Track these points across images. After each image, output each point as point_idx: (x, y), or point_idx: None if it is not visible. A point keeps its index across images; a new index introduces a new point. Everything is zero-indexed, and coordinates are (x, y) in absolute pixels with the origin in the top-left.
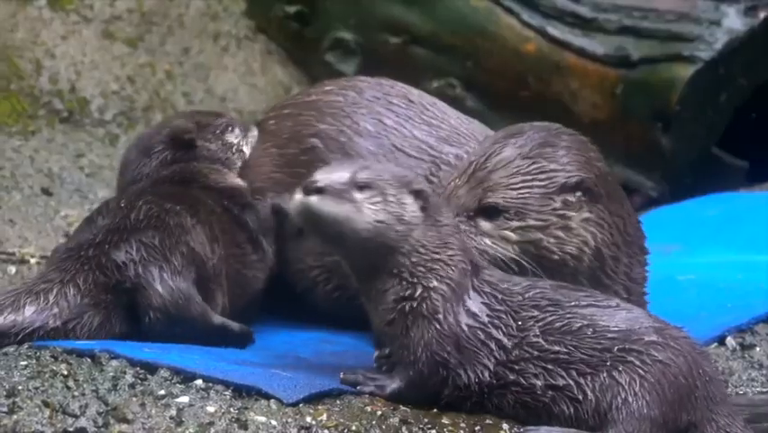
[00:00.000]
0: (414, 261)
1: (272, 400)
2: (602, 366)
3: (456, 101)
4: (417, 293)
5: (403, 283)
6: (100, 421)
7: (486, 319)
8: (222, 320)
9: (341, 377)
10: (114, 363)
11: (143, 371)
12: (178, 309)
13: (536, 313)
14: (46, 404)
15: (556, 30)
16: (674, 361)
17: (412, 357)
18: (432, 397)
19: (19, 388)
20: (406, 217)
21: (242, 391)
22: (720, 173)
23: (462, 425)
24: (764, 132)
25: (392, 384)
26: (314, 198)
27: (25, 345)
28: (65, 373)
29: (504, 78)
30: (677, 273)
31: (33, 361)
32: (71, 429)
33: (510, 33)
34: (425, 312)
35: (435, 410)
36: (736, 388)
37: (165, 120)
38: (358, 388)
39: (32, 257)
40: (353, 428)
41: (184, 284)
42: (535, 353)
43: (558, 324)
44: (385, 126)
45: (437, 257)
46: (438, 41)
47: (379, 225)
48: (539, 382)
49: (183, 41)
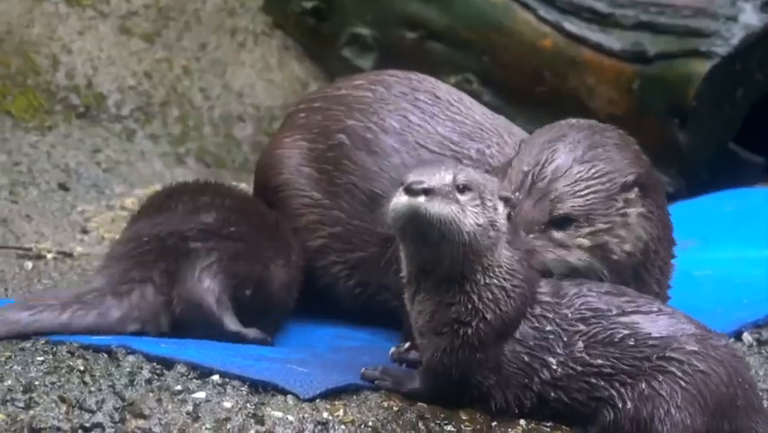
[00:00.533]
0: (486, 282)
1: (289, 395)
2: (642, 375)
3: (473, 96)
4: (474, 322)
5: (468, 306)
6: (117, 417)
7: (533, 343)
8: (237, 328)
9: (361, 373)
10: (131, 358)
11: (160, 366)
12: (196, 310)
13: (582, 327)
14: (63, 399)
15: (573, 25)
16: (715, 371)
17: (446, 375)
18: (449, 402)
19: (36, 383)
20: (498, 224)
21: (259, 387)
22: (737, 169)
23: (480, 420)
24: None
25: (412, 384)
26: (422, 199)
27: (42, 340)
28: (81, 369)
29: (520, 74)
30: (693, 269)
31: (50, 356)
32: (88, 425)
33: (527, 29)
34: (474, 342)
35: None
36: None
37: None
38: (376, 383)
39: (49, 252)
40: (370, 424)
41: (216, 288)
42: (579, 369)
43: (602, 336)
44: (410, 123)
45: (504, 285)
46: (455, 36)
47: (478, 228)
48: (581, 397)
49: (200, 36)
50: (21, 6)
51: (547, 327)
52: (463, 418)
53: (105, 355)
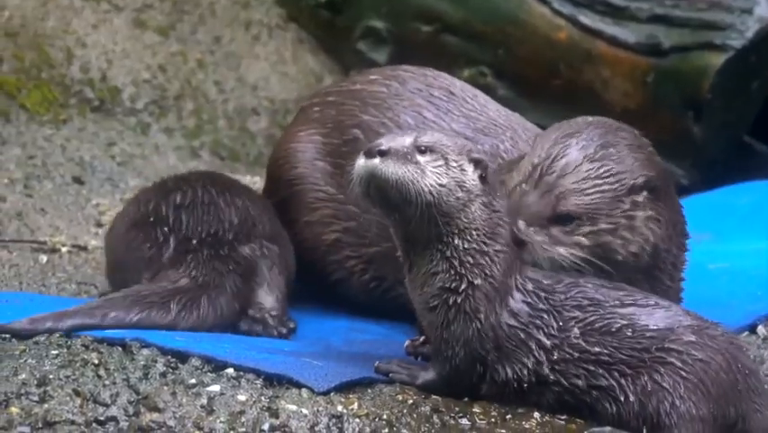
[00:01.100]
0: (465, 246)
1: (303, 388)
2: (642, 367)
3: (487, 89)
4: (462, 288)
5: (451, 271)
6: (131, 410)
7: (527, 319)
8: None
9: (375, 367)
10: (145, 351)
11: (174, 359)
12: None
13: (577, 314)
14: (77, 393)
15: (587, 18)
16: (713, 359)
17: (450, 352)
18: (465, 393)
19: (50, 377)
20: (467, 185)
21: (273, 380)
22: (751, 161)
23: (494, 414)
24: None
25: (426, 375)
26: (377, 161)
27: (56, 334)
28: (96, 362)
29: (535, 67)
30: (708, 262)
31: (64, 350)
32: (102, 418)
33: (542, 22)
34: (467, 309)
35: (467, 399)
36: (767, 376)
37: None
38: (390, 376)
39: (64, 246)
40: (384, 417)
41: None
42: (576, 354)
43: (598, 324)
44: (424, 119)
45: (485, 249)
46: (470, 29)
47: (441, 188)
48: (581, 383)
49: (214, 29)
50: (35, 0)
51: (540, 306)
52: (477, 411)
53: (120, 349)
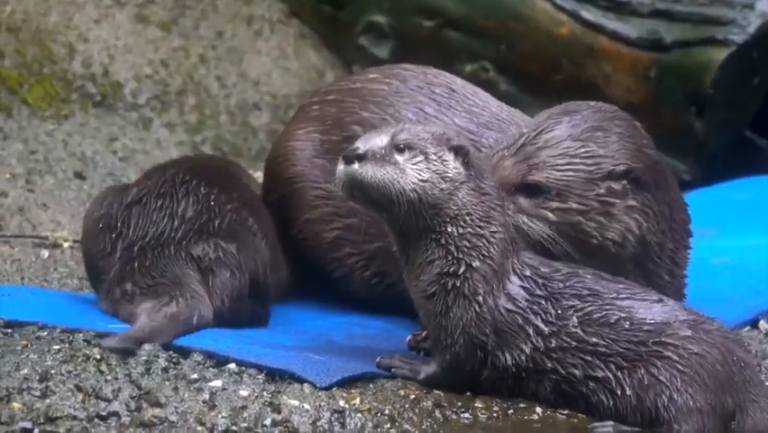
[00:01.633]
0: (460, 232)
1: (305, 383)
2: (639, 360)
3: (489, 84)
4: (460, 271)
5: (448, 257)
6: (133, 405)
7: (525, 305)
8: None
9: (377, 361)
10: (147, 347)
11: (176, 355)
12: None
13: (576, 303)
14: (79, 388)
15: (590, 13)
16: (709, 352)
17: (450, 340)
18: (467, 383)
19: (52, 372)
20: (450, 175)
21: (275, 375)
22: (753, 156)
23: (496, 408)
24: None
25: (428, 369)
26: (356, 166)
27: (58, 330)
28: (98, 357)
29: (537, 62)
30: (710, 257)
31: (66, 345)
32: (104, 413)
33: (544, 17)
34: (465, 292)
35: (469, 394)
36: None
37: None
38: (392, 371)
39: (65, 241)
40: (387, 412)
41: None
42: (574, 343)
43: (596, 315)
44: (426, 115)
45: (480, 232)
46: (472, 24)
47: (423, 184)
48: (577, 372)
49: (216, 24)
50: None
51: (538, 291)
52: (479, 405)
53: None
